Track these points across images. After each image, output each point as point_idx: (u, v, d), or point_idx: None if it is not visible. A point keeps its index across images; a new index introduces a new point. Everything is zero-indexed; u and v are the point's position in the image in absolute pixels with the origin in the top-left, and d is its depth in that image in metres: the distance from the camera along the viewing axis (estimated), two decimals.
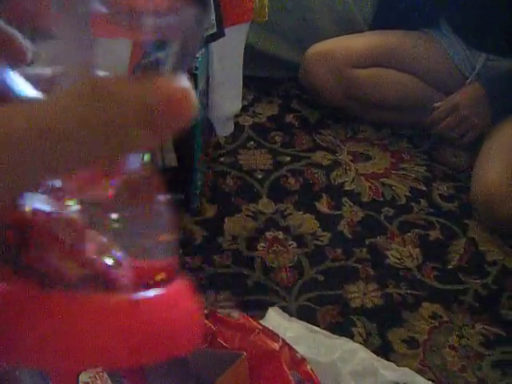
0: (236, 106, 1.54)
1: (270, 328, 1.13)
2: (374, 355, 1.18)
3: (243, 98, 1.85)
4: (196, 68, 1.32)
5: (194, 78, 1.33)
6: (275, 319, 1.22)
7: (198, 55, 1.34)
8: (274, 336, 1.09)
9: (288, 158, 1.72)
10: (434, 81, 1.88)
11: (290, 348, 1.08)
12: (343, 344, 1.18)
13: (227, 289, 1.34)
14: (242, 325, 1.09)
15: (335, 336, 1.22)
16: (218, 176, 1.63)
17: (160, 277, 0.32)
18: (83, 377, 0.79)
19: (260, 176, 1.65)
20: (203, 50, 1.37)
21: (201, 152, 1.49)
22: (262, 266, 1.40)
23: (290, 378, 1.02)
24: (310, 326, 1.23)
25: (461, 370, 1.23)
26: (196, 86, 1.34)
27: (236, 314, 1.12)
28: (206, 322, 1.08)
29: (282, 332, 1.14)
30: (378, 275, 1.40)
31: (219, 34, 1.39)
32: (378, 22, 2.00)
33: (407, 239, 1.50)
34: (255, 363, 1.05)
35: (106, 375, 0.85)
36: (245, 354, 0.86)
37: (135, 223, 0.33)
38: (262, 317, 1.24)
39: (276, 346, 1.05)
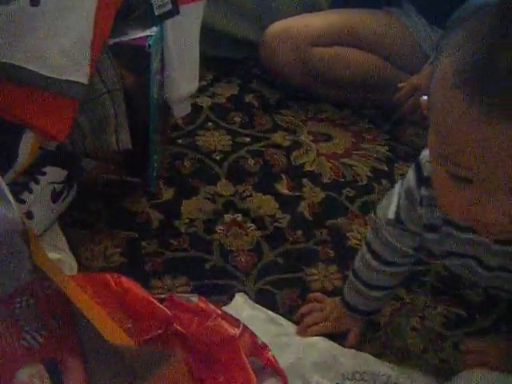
0: (192, 86, 1.50)
1: (233, 313, 1.11)
2: (334, 343, 1.16)
3: (202, 79, 1.82)
4: (149, 46, 1.28)
5: (147, 57, 1.29)
6: (240, 306, 1.20)
7: (151, 33, 1.30)
8: (233, 321, 1.06)
9: (247, 139, 1.69)
10: (396, 60, 1.86)
11: (252, 334, 1.06)
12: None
13: (185, 273, 1.30)
14: (200, 309, 1.06)
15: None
16: (175, 158, 1.59)
17: None
18: (20, 374, 0.77)
19: (218, 157, 1.61)
20: (157, 28, 1.33)
21: (157, 134, 1.46)
22: (220, 249, 1.37)
23: (248, 365, 1.00)
24: (274, 315, 1.21)
25: (422, 352, 1.21)
26: (149, 66, 1.31)
27: (195, 299, 1.09)
28: (163, 307, 1.06)
29: (247, 321, 1.11)
30: (339, 257, 1.38)
31: (174, 12, 1.35)
32: (340, 1, 1.97)
33: (368, 220, 1.48)
34: (212, 349, 1.03)
35: (45, 373, 0.82)
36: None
37: None
38: (227, 302, 1.22)
39: (235, 331, 1.03)
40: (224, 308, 1.14)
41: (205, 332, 1.03)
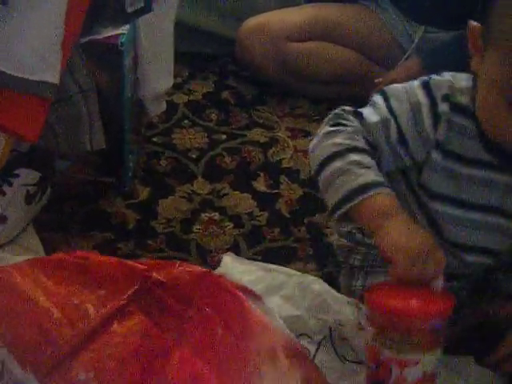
0: (167, 83, 1.48)
1: (226, 274, 1.09)
2: (329, 287, 1.15)
3: (178, 75, 1.80)
4: (121, 44, 1.27)
5: (119, 55, 1.27)
6: (230, 265, 1.18)
7: (123, 31, 1.29)
8: None
9: (224, 136, 1.67)
10: (373, 54, 1.85)
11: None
12: (299, 277, 1.17)
13: None
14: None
15: (290, 270, 1.20)
16: (151, 157, 1.57)
17: None
18: None
19: (195, 156, 1.60)
20: (129, 25, 1.31)
21: (131, 132, 1.44)
22: (197, 249, 1.36)
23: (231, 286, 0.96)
24: (265, 265, 1.21)
25: None
26: (122, 64, 1.29)
27: None
28: (133, 262, 1.00)
29: (239, 277, 1.12)
30: (318, 254, 1.37)
31: (146, 9, 1.33)
32: None
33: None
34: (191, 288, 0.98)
35: None
36: None
37: None
38: (217, 266, 1.20)
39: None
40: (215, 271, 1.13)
41: (180, 275, 0.98)
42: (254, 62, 1.82)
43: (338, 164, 0.96)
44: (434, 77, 1.04)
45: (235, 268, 1.17)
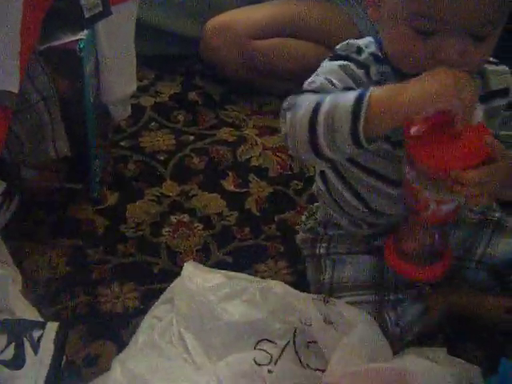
0: (130, 87, 1.47)
1: (187, 282, 1.12)
2: (290, 288, 1.14)
3: (144, 78, 1.81)
4: (80, 50, 1.25)
5: (78, 61, 1.26)
6: (192, 272, 1.17)
7: (81, 36, 1.28)
8: None
9: (192, 137, 1.67)
10: None
11: None
12: (260, 283, 1.16)
13: (132, 279, 1.28)
14: None
15: (251, 277, 1.20)
16: (118, 161, 1.56)
17: None
18: None
19: (163, 158, 1.59)
20: (88, 31, 1.30)
21: (97, 138, 1.43)
22: (167, 252, 1.35)
23: None
24: (226, 272, 1.20)
25: None
26: (82, 70, 1.28)
27: None
28: None
29: (201, 283, 1.13)
30: (288, 252, 1.37)
31: (105, 13, 1.32)
32: None
33: None
34: None
35: None
36: None
37: None
38: (179, 273, 1.19)
39: None
40: (175, 281, 1.15)
41: None
42: (220, 61, 1.81)
43: (325, 108, 0.95)
44: (338, 47, 1.10)
45: (197, 275, 1.16)
